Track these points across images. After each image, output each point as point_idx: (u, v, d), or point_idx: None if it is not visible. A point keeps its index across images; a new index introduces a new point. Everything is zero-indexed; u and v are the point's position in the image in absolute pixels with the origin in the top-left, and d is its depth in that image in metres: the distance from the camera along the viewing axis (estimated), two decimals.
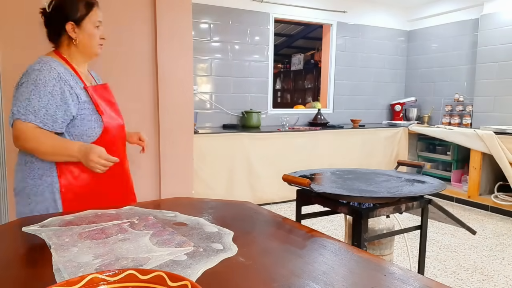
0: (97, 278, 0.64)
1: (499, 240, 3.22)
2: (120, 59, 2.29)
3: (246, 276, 0.83)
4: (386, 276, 0.83)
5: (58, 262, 0.85)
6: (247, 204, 1.42)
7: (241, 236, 1.08)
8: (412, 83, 5.59)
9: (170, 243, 0.97)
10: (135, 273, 0.66)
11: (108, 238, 1.00)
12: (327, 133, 4.41)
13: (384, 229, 1.93)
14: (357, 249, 1.00)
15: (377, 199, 1.60)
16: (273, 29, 4.63)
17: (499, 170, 3.89)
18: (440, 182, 1.78)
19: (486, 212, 4.00)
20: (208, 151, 3.66)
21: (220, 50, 4.34)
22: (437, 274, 2.58)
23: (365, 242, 1.61)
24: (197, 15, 4.06)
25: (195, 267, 0.83)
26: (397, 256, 2.84)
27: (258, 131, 4.03)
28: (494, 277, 2.54)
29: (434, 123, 5.21)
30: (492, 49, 4.46)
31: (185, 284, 0.62)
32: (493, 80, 4.46)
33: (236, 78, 4.46)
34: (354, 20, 5.15)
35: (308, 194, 1.77)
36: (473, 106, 4.70)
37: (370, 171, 2.10)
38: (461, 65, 4.92)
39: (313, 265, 0.87)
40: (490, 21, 4.48)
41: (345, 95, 5.24)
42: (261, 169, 3.94)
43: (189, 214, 1.22)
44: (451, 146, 4.54)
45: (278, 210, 3.86)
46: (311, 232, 1.11)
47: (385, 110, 5.59)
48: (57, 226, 1.09)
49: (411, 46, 5.57)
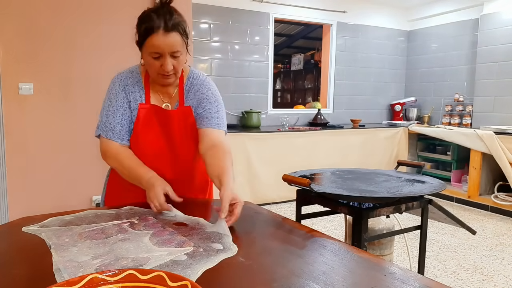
0: (97, 278, 0.64)
1: (499, 240, 3.22)
2: (120, 59, 2.29)
3: (246, 276, 0.83)
4: (386, 276, 0.83)
5: (58, 262, 0.85)
6: (247, 204, 1.42)
7: (241, 236, 1.08)
8: (412, 83, 5.59)
9: (170, 243, 0.97)
10: (135, 273, 0.66)
11: (108, 238, 1.00)
12: (327, 133, 4.41)
13: (384, 229, 1.93)
14: (357, 249, 1.00)
15: (377, 199, 1.60)
16: (273, 29, 4.63)
17: (499, 170, 3.89)
18: (440, 182, 1.78)
19: (486, 212, 4.00)
20: None
21: (220, 50, 4.34)
22: (437, 274, 2.58)
23: (365, 242, 1.61)
24: (197, 15, 4.06)
25: (195, 267, 0.83)
26: (397, 256, 2.84)
27: (258, 131, 4.03)
28: (494, 277, 2.54)
29: (434, 123, 5.21)
30: (492, 49, 4.46)
31: (185, 284, 0.62)
32: (493, 80, 4.46)
33: (236, 78, 4.46)
34: (354, 20, 5.15)
35: (308, 194, 1.77)
36: (473, 106, 4.70)
37: (370, 171, 2.10)
38: (461, 65, 4.92)
39: (313, 265, 0.87)
40: (490, 21, 4.48)
41: (345, 95, 5.24)
42: (261, 169, 3.94)
43: (189, 215, 1.22)
44: (451, 146, 4.54)
45: (278, 210, 3.86)
46: (311, 232, 1.11)
47: (385, 110, 5.60)
48: (57, 226, 1.09)
49: (411, 46, 5.57)
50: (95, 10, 2.91)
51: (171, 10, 1.25)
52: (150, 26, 1.22)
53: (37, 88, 2.78)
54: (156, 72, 1.29)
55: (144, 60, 1.30)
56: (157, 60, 1.26)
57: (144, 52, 1.28)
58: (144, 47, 1.26)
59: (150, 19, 1.22)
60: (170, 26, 1.22)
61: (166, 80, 1.32)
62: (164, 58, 1.25)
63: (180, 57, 1.28)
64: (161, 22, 1.21)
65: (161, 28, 1.21)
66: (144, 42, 1.25)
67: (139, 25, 1.26)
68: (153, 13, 1.23)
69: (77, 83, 2.87)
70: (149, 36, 1.22)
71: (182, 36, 1.26)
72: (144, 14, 1.27)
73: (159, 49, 1.23)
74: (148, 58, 1.27)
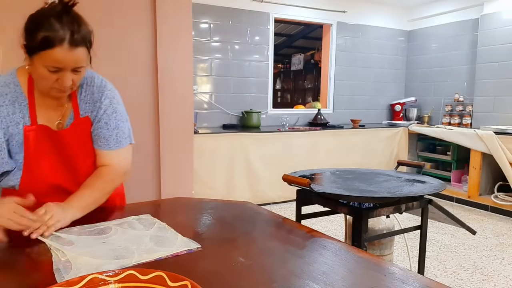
0: (97, 278, 0.64)
1: (499, 240, 3.22)
2: (120, 59, 2.29)
3: (246, 276, 0.83)
4: (386, 276, 0.83)
5: (58, 262, 0.85)
6: (247, 204, 1.42)
7: (241, 236, 1.08)
8: (412, 83, 5.59)
9: (171, 243, 0.97)
10: (135, 273, 0.66)
11: (108, 238, 1.00)
12: (327, 133, 4.41)
13: (384, 229, 1.93)
14: (357, 249, 1.00)
15: (377, 199, 1.60)
16: (273, 29, 4.63)
17: (499, 170, 3.88)
18: (440, 182, 1.78)
19: (486, 212, 4.00)
20: (208, 151, 3.66)
21: (220, 50, 4.34)
22: (437, 274, 2.58)
23: (365, 242, 1.61)
24: (197, 15, 4.06)
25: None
26: (397, 256, 2.84)
27: (258, 131, 4.03)
28: (494, 277, 2.54)
29: (434, 123, 5.21)
30: (492, 49, 4.46)
31: (185, 284, 0.62)
32: (493, 80, 4.46)
33: (236, 78, 4.45)
34: (354, 20, 5.15)
35: (308, 194, 1.77)
36: (473, 106, 4.70)
37: (370, 171, 2.10)
38: (461, 65, 4.91)
39: (313, 265, 0.87)
40: (490, 21, 4.47)
41: (345, 95, 5.24)
42: (261, 169, 3.94)
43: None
44: (451, 146, 4.54)
45: (278, 210, 3.86)
46: (311, 232, 1.11)
47: (385, 110, 5.59)
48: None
49: (411, 46, 5.57)
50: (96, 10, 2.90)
51: (77, 19, 1.06)
52: (53, 37, 1.00)
53: None
54: (49, 86, 1.08)
55: (35, 69, 1.06)
56: (54, 73, 1.05)
57: (36, 62, 1.04)
58: (38, 57, 1.02)
59: (52, 28, 1.00)
60: (77, 40, 1.03)
61: (60, 94, 1.12)
62: (64, 73, 1.05)
63: (82, 71, 1.10)
64: (66, 34, 1.01)
65: (65, 42, 1.01)
66: (39, 52, 1.02)
67: (34, 30, 1.01)
68: (55, 19, 1.01)
69: None
70: (49, 48, 1.00)
71: (89, 49, 1.09)
72: (41, 16, 1.03)
73: (61, 65, 1.03)
74: (42, 70, 1.04)
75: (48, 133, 1.16)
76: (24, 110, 1.13)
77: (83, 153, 1.23)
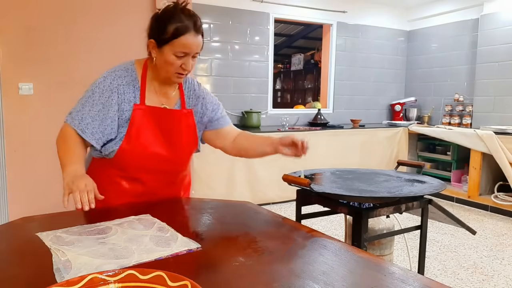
0: (97, 278, 0.64)
1: (499, 240, 3.22)
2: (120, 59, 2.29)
3: (246, 276, 0.83)
4: (386, 276, 0.83)
5: (58, 262, 0.85)
6: (247, 204, 1.42)
7: (241, 236, 1.08)
8: (412, 83, 5.59)
9: (171, 242, 0.97)
10: (135, 273, 0.66)
11: (108, 238, 1.00)
12: (327, 133, 4.41)
13: (384, 229, 1.93)
14: (357, 249, 1.00)
15: (377, 199, 1.60)
16: (273, 29, 4.63)
17: (499, 170, 3.88)
18: (440, 182, 1.78)
19: (486, 212, 4.00)
20: (208, 151, 3.65)
21: (220, 50, 4.34)
22: (437, 274, 2.58)
23: (365, 242, 1.61)
24: None
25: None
26: (397, 256, 2.84)
27: (258, 131, 4.03)
28: (494, 277, 2.54)
29: (434, 123, 5.21)
30: (492, 49, 4.46)
31: (185, 284, 0.62)
32: (493, 80, 4.46)
33: (236, 78, 4.45)
34: (354, 20, 5.15)
35: (308, 194, 1.77)
36: (473, 106, 4.70)
37: (370, 171, 2.10)
38: (461, 65, 4.91)
39: (313, 265, 0.87)
40: (490, 21, 4.47)
41: (345, 95, 5.24)
42: (261, 169, 3.94)
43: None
44: (451, 146, 4.54)
45: (278, 210, 3.86)
46: (311, 232, 1.11)
47: (385, 110, 5.59)
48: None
49: (411, 46, 5.57)
50: (96, 10, 2.91)
51: (194, 13, 1.29)
52: (182, 27, 1.24)
53: (37, 88, 2.78)
54: (174, 70, 1.29)
55: (163, 58, 1.28)
56: (180, 59, 1.27)
57: (166, 50, 1.26)
58: (170, 45, 1.25)
59: (180, 20, 1.24)
60: (199, 28, 1.28)
61: (179, 79, 1.35)
62: (188, 58, 1.28)
63: (196, 58, 1.34)
64: (191, 24, 1.25)
65: (192, 29, 1.25)
66: (172, 41, 1.24)
67: (166, 23, 1.25)
68: (181, 14, 1.25)
69: (77, 83, 2.87)
70: (180, 36, 1.24)
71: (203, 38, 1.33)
72: (169, 12, 1.27)
73: (189, 49, 1.26)
74: (171, 56, 1.26)
75: (154, 111, 1.36)
76: (136, 92, 1.34)
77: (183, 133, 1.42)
